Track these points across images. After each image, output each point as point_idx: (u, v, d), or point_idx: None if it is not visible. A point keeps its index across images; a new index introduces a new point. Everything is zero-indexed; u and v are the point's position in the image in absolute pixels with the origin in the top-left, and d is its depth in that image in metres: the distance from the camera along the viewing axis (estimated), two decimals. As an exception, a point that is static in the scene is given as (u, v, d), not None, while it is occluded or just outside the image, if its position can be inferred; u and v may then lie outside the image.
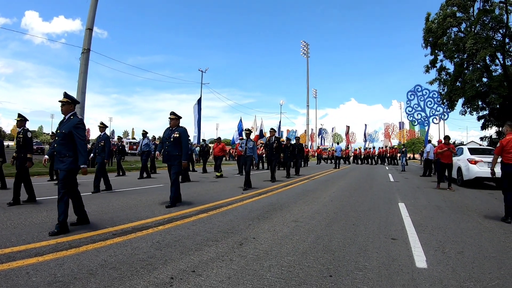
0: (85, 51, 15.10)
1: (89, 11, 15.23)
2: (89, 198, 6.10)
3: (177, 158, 5.55)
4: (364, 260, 2.91)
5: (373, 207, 5.83)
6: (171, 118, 5.74)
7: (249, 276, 2.49)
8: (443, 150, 9.02)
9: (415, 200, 6.80)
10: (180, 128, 5.72)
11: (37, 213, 4.69)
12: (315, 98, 53.77)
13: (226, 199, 6.39)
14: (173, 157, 5.56)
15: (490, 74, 16.93)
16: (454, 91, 17.50)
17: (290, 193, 7.63)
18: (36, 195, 5.80)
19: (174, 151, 5.57)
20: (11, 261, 2.66)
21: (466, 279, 2.53)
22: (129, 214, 4.76)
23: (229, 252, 3.06)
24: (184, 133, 5.72)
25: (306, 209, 5.48)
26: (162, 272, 2.53)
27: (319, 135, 55.81)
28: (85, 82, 15.18)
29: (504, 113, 17.20)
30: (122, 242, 3.31)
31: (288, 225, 4.27)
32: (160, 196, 6.63)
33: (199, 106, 22.26)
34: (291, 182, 10.29)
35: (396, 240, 3.62)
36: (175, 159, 5.55)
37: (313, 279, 2.47)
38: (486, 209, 5.98)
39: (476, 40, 14.89)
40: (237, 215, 4.82)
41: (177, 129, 5.68)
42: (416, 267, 2.78)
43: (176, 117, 5.77)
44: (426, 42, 18.48)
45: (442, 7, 17.12)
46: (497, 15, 15.50)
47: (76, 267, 2.58)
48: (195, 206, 5.53)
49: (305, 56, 44.38)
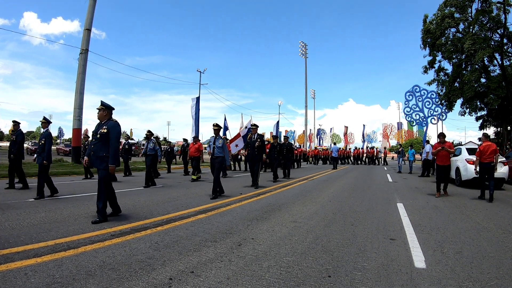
0: (83, 51, 15.07)
1: (88, 11, 15.21)
2: (87, 199, 6.08)
3: (104, 161, 4.31)
4: (363, 261, 2.91)
5: (371, 207, 5.84)
6: (99, 108, 4.51)
7: (247, 277, 2.49)
8: (437, 150, 7.77)
9: (414, 201, 6.81)
10: (110, 122, 4.46)
11: (35, 214, 4.67)
12: (313, 99, 53.76)
13: (225, 199, 6.39)
14: (99, 160, 4.33)
15: (488, 74, 17.00)
16: (452, 91, 17.58)
17: (288, 193, 7.63)
18: (35, 196, 5.79)
19: (101, 151, 4.33)
20: (9, 262, 2.65)
21: (464, 279, 2.53)
22: (127, 214, 4.75)
23: (227, 253, 3.06)
24: (114, 128, 4.39)
25: (304, 209, 5.48)
26: (160, 273, 2.53)
27: (317, 136, 55.79)
28: (83, 82, 15.16)
29: (502, 113, 17.27)
30: (121, 243, 3.30)
31: (287, 225, 4.27)
32: (159, 197, 6.62)
33: (197, 106, 22.24)
34: (290, 182, 10.29)
35: (395, 241, 3.62)
36: (101, 162, 4.32)
37: (312, 279, 2.47)
38: (485, 209, 5.99)
39: (474, 40, 14.95)
40: (235, 216, 4.82)
41: (106, 123, 4.45)
42: (414, 267, 2.78)
43: (104, 107, 4.51)
44: (425, 43, 18.56)
45: (440, 8, 17.19)
46: (495, 15, 15.57)
47: (74, 268, 2.57)
48: (193, 207, 5.52)
49: (303, 56, 44.41)
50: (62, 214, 4.69)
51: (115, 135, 4.36)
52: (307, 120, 46.03)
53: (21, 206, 5.27)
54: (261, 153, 9.16)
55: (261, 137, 9.45)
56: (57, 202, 5.69)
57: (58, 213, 4.74)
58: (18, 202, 5.57)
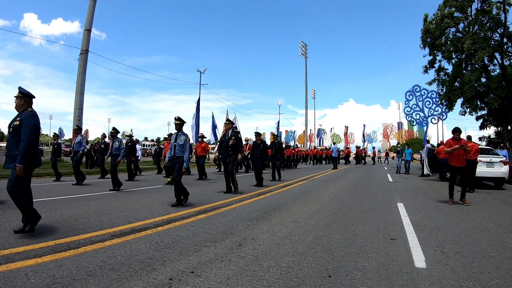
0: (84, 52, 15.08)
1: (88, 11, 15.22)
2: (87, 199, 6.09)
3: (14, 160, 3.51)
4: (363, 261, 2.91)
5: (372, 207, 5.83)
6: (16, 96, 3.74)
7: (248, 277, 2.49)
8: (452, 148, 6.46)
9: (414, 200, 6.81)
10: (24, 113, 3.64)
11: (35, 214, 4.67)
12: (313, 99, 53.80)
13: (224, 200, 6.38)
14: (11, 159, 3.57)
15: (488, 74, 17.00)
16: (452, 91, 17.58)
17: (289, 193, 7.63)
18: (36, 196, 5.77)
19: (13, 149, 3.56)
20: (9, 263, 2.65)
21: (465, 279, 2.53)
22: (127, 215, 4.75)
23: (228, 253, 3.06)
24: (27, 119, 3.56)
25: (305, 209, 5.48)
26: (161, 273, 2.53)
27: (317, 136, 55.79)
28: (83, 83, 15.16)
29: (502, 113, 17.25)
30: (121, 243, 3.30)
31: (287, 225, 4.27)
32: (159, 197, 6.62)
33: (197, 107, 22.23)
34: (290, 182, 10.29)
35: (395, 240, 3.62)
36: (12, 162, 3.53)
37: (312, 279, 2.47)
38: (485, 208, 5.99)
39: (474, 40, 14.95)
40: (236, 216, 4.82)
41: (20, 115, 3.66)
42: (415, 267, 2.78)
43: (22, 95, 3.73)
44: (424, 43, 18.57)
45: (440, 7, 17.19)
46: (495, 15, 15.56)
47: (75, 268, 2.57)
48: (194, 207, 5.53)
49: (303, 56, 44.43)
50: (62, 214, 4.69)
51: (27, 128, 3.50)
52: (307, 120, 46.10)
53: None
54: (236, 153, 7.52)
55: (236, 134, 7.76)
56: (57, 203, 5.70)
57: (58, 213, 4.74)
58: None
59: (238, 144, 7.54)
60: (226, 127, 7.91)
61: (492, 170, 9.56)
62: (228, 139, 7.57)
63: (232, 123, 8.39)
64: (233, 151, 7.51)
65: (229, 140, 7.52)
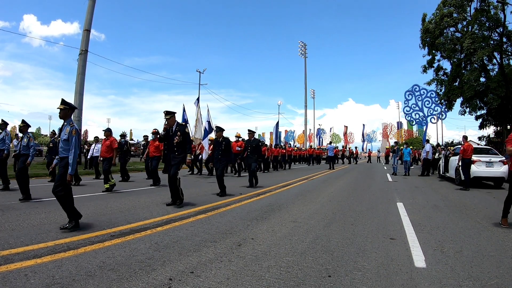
0: (83, 52, 15.06)
1: (87, 12, 15.21)
2: (87, 200, 6.08)
3: None
4: (363, 260, 2.91)
5: (371, 207, 5.83)
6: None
7: (247, 277, 2.49)
8: None
9: (414, 200, 6.81)
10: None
11: (35, 214, 4.67)
12: (313, 99, 53.73)
13: (224, 200, 6.38)
14: None
15: (487, 73, 17.02)
16: (452, 91, 17.61)
17: (288, 193, 7.63)
18: (34, 196, 5.79)
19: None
20: (9, 263, 2.64)
21: (465, 278, 2.53)
22: (127, 215, 4.75)
23: (227, 253, 3.06)
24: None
25: (304, 209, 5.48)
26: (160, 273, 2.53)
27: (317, 136, 55.80)
28: (82, 83, 15.14)
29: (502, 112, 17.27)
30: (121, 243, 3.30)
31: (287, 225, 4.27)
32: (159, 197, 6.62)
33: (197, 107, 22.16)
34: (290, 182, 10.29)
35: (395, 240, 3.62)
36: None
37: (312, 279, 2.47)
38: (485, 208, 5.99)
39: (473, 39, 14.98)
40: (235, 216, 4.82)
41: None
42: (415, 266, 2.78)
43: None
44: (424, 43, 18.60)
45: (439, 7, 17.22)
46: (494, 14, 15.59)
47: (74, 269, 2.57)
48: (193, 207, 5.52)
49: (302, 56, 44.40)
50: (62, 215, 4.68)
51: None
52: (306, 120, 46.06)
53: (21, 207, 5.27)
54: (184, 153, 5.84)
55: (182, 128, 5.91)
56: (56, 204, 5.68)
57: (58, 214, 4.73)
58: (18, 203, 5.57)
59: (185, 141, 5.78)
60: (169, 121, 5.86)
61: (491, 169, 9.58)
62: (172, 135, 5.80)
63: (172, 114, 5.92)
64: (179, 151, 5.76)
65: (174, 137, 5.77)
